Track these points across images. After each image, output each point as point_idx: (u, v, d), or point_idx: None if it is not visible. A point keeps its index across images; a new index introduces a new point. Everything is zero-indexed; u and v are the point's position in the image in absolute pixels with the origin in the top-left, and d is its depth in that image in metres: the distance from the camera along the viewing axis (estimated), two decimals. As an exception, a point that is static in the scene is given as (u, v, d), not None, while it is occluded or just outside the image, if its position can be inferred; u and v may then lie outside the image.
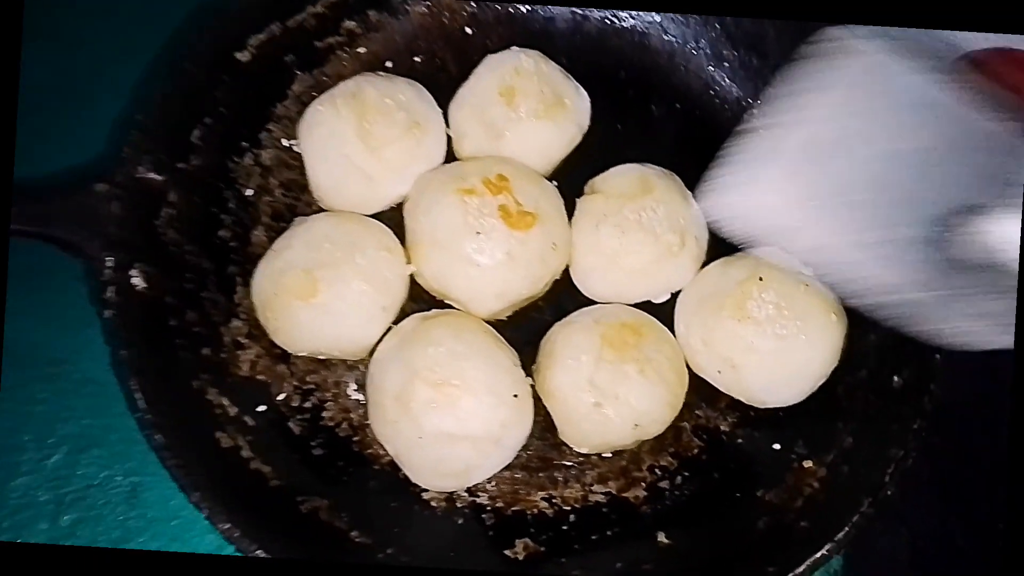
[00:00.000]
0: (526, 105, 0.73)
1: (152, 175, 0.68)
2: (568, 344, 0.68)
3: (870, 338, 0.69)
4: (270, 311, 0.68)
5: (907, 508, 0.77)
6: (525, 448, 0.70)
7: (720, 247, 0.73)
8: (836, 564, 0.75)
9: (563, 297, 0.74)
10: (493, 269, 0.68)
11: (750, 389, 0.69)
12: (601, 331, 0.67)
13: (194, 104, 0.72)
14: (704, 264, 0.73)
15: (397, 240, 0.72)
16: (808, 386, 0.68)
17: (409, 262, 0.71)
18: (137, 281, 0.65)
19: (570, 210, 0.74)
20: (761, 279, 0.68)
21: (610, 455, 0.70)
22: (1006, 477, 0.77)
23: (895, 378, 0.66)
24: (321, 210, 0.75)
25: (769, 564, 0.59)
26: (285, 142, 0.78)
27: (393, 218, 0.74)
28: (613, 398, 0.66)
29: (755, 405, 0.70)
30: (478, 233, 0.67)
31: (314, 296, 0.66)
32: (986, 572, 0.75)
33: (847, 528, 0.59)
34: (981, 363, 0.80)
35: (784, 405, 0.69)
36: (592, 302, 0.74)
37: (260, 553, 0.57)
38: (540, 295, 0.73)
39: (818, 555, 0.58)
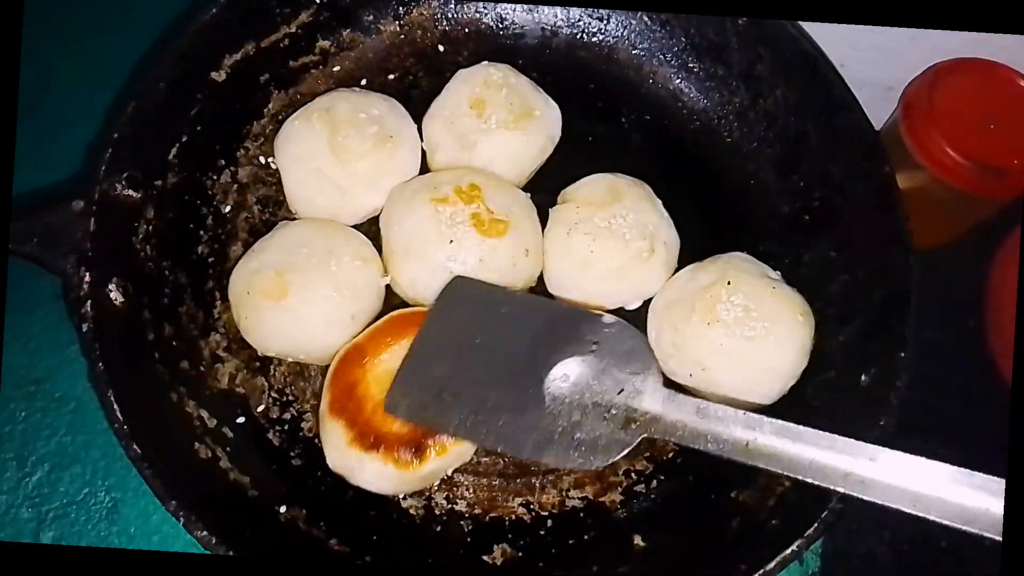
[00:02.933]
0: (496, 116, 0.75)
1: (129, 192, 0.69)
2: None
3: (838, 339, 0.71)
4: (242, 309, 0.69)
5: (888, 511, 0.78)
6: (502, 455, 0.71)
7: (691, 254, 0.75)
8: (813, 566, 0.75)
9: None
10: (466, 275, 0.69)
11: (722, 391, 0.70)
12: None
13: (170, 123, 0.73)
14: (675, 271, 0.75)
15: (375, 250, 0.73)
16: (778, 387, 0.69)
17: (386, 273, 0.72)
18: (115, 296, 0.66)
19: (544, 220, 0.75)
20: (729, 283, 0.69)
21: (586, 460, 0.71)
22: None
23: (863, 377, 0.67)
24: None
25: (741, 562, 0.60)
26: (262, 159, 0.79)
27: (372, 230, 0.75)
28: None
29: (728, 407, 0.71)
30: (451, 241, 0.69)
31: (283, 298, 0.67)
32: (966, 573, 0.76)
33: (816, 525, 0.59)
34: (957, 367, 0.83)
35: (756, 406, 0.70)
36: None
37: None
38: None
39: (787, 552, 0.59)
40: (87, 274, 0.64)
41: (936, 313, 0.84)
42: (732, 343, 0.67)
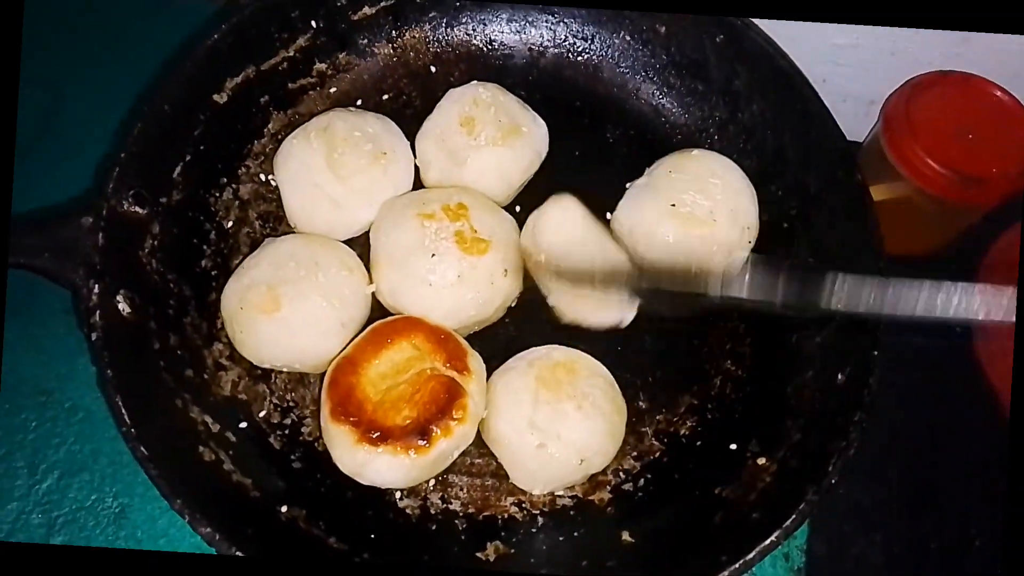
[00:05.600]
0: (485, 133, 0.78)
1: (135, 209, 0.72)
2: (506, 391, 0.71)
3: (815, 340, 0.74)
4: (236, 324, 0.72)
5: (880, 513, 0.81)
6: (495, 456, 0.73)
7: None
8: (799, 561, 0.78)
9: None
10: (444, 289, 0.72)
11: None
12: (535, 373, 0.70)
13: (174, 143, 0.76)
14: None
15: (359, 261, 0.76)
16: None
17: (371, 282, 0.75)
18: (122, 307, 0.69)
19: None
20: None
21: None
22: (975, 482, 0.81)
23: (839, 375, 0.70)
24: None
25: (722, 554, 0.62)
26: (262, 177, 0.83)
27: (366, 243, 0.78)
28: (555, 437, 0.68)
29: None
30: (433, 255, 0.72)
31: (277, 311, 0.70)
32: (957, 574, 0.78)
33: (794, 516, 0.62)
34: (946, 372, 0.85)
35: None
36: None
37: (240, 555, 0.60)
38: (493, 320, 0.77)
39: (767, 542, 0.61)
40: (96, 286, 0.67)
41: (926, 322, 0.87)
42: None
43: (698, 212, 0.75)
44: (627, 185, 0.80)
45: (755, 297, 0.64)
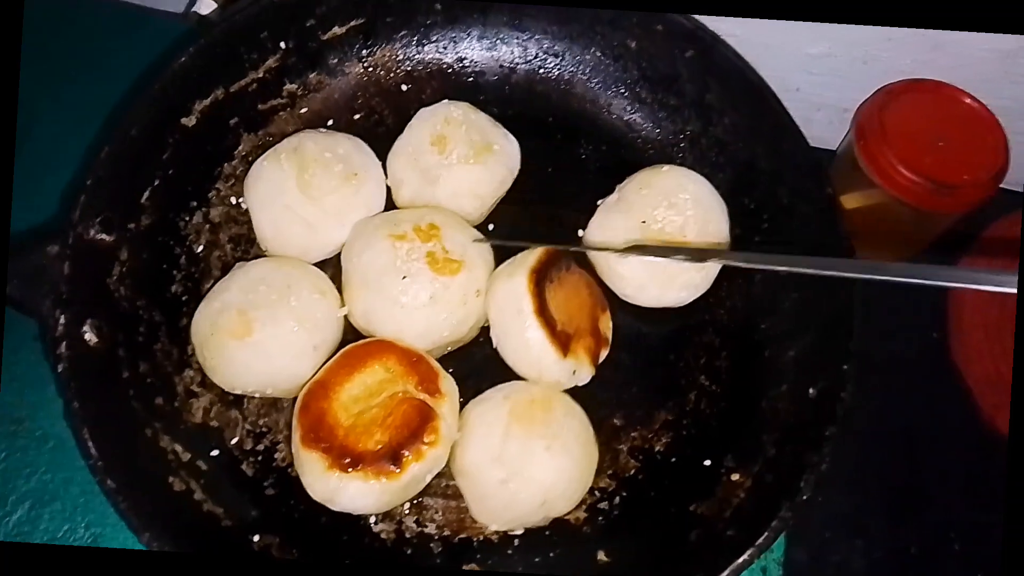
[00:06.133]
0: (457, 152, 0.78)
1: (102, 236, 0.71)
2: (478, 422, 0.70)
3: (789, 353, 0.74)
4: (207, 350, 0.71)
5: (861, 519, 0.81)
6: (470, 478, 0.73)
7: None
8: (776, 575, 0.78)
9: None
10: (417, 310, 0.72)
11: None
12: (510, 407, 0.69)
13: (142, 167, 0.76)
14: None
15: (331, 283, 0.76)
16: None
17: (344, 304, 0.75)
18: (89, 336, 0.68)
19: (500, 256, 0.77)
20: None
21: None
22: (955, 485, 0.82)
23: (811, 390, 0.70)
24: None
25: (697, 571, 0.62)
26: (233, 199, 0.82)
27: (337, 264, 0.77)
28: (518, 474, 0.67)
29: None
30: (404, 277, 0.71)
31: (249, 335, 0.69)
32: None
33: (767, 534, 0.62)
34: (930, 378, 0.85)
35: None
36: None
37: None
38: (467, 339, 0.77)
39: (740, 560, 0.61)
40: (62, 316, 0.66)
41: (902, 327, 0.88)
42: None
43: (669, 228, 0.75)
44: (598, 202, 0.80)
45: None
